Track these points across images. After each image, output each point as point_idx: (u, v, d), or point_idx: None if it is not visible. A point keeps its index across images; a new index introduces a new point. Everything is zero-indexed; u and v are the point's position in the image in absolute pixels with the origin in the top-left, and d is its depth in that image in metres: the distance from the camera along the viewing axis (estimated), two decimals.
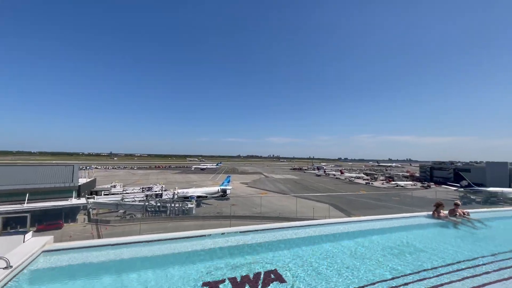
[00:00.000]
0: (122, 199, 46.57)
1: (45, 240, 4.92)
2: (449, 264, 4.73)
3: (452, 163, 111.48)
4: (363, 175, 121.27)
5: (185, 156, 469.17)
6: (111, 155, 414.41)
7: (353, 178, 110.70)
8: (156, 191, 56.93)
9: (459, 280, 4.07)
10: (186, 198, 50.45)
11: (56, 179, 41.76)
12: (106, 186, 61.58)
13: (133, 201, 45.53)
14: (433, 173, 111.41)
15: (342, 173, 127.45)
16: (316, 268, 4.42)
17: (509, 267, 4.61)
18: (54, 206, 36.16)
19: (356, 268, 4.46)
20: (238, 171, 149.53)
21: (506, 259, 5.05)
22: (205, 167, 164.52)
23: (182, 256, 4.91)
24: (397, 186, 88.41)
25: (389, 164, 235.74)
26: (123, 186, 64.55)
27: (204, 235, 5.72)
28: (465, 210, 8.03)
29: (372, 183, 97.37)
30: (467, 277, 4.18)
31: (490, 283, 3.99)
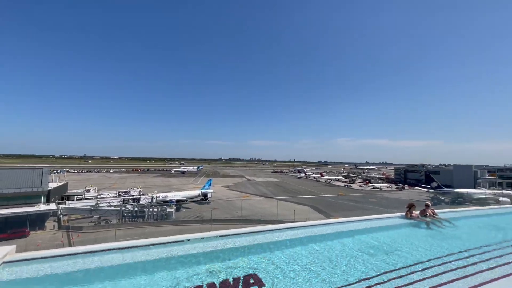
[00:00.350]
0: (96, 204, 44.37)
1: (6, 250, 4.53)
2: (420, 262, 4.95)
3: (423, 166, 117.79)
4: (342, 177, 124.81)
5: (164, 159, 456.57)
6: (85, 158, 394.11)
7: (332, 181, 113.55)
8: (133, 196, 54.84)
9: (429, 277, 4.27)
10: (166, 203, 49.09)
11: (23, 183, 38.93)
12: (79, 190, 58.42)
13: (108, 206, 43.52)
14: (407, 175, 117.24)
15: (322, 175, 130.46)
16: (295, 270, 4.45)
17: (473, 264, 4.91)
18: (19, 212, 33.65)
19: (334, 269, 4.55)
20: (220, 174, 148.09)
21: (471, 256, 5.39)
22: (185, 170, 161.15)
23: (159, 263, 4.73)
24: (374, 188, 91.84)
25: (366, 167, 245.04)
26: (97, 191, 61.61)
27: (182, 240, 5.55)
28: (434, 211, 8.51)
29: (350, 185, 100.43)
30: (437, 274, 4.40)
31: (457, 279, 4.22)
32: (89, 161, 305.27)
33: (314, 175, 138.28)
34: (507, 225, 8.99)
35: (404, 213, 8.66)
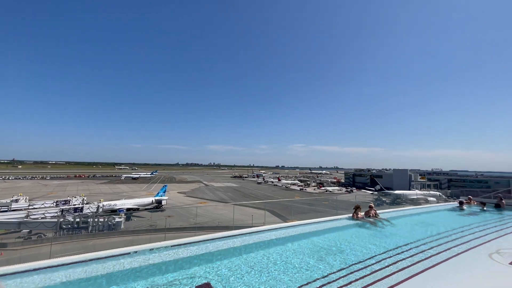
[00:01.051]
0: (27, 216, 38.54)
1: None
2: (366, 259, 5.41)
3: (369, 170, 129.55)
4: (298, 181, 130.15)
5: (113, 164, 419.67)
6: (13, 163, 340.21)
7: (289, 185, 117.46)
8: (75, 205, 49.05)
9: (373, 273, 4.68)
10: (114, 212, 45.02)
11: None
12: (4, 200, 50.06)
13: (43, 218, 38.15)
14: (355, 179, 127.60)
15: (279, 180, 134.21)
16: (250, 276, 4.44)
17: (407, 258, 5.54)
18: None
19: (288, 272, 4.66)
20: (176, 180, 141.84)
21: (406, 250, 6.07)
22: (137, 176, 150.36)
23: (102, 279, 4.27)
24: (326, 191, 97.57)
25: (320, 172, 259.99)
26: (29, 200, 53.62)
27: (129, 253, 5.12)
28: (376, 211, 9.40)
29: (305, 189, 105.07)
30: (379, 269, 4.86)
31: (393, 273, 4.69)
32: (19, 166, 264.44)
33: (272, 179, 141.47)
34: (433, 221, 10.37)
35: (351, 215, 9.37)
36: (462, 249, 6.18)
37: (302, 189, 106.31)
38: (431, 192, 60.81)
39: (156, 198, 57.88)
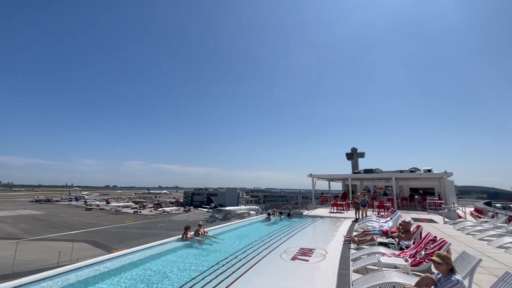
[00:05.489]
0: None
1: None
2: (192, 279, 5.57)
3: (206, 189, 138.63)
4: (132, 203, 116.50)
5: None
6: None
7: (120, 208, 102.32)
8: None
9: None
10: None
11: None
12: None
13: None
14: (194, 198, 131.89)
15: (108, 202, 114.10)
16: None
17: (228, 268, 6.29)
18: None
19: None
20: None
21: (228, 262, 6.88)
22: None
23: None
24: (164, 212, 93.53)
25: (159, 191, 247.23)
26: None
27: None
28: (204, 229, 10.07)
29: (140, 212, 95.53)
30: (204, 285, 5.14)
31: (216, 285, 5.14)
32: None
33: (97, 202, 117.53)
34: (250, 232, 12.57)
35: (181, 236, 9.44)
36: (265, 253, 7.84)
37: (137, 211, 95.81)
38: (251, 206, 74.09)
39: None
